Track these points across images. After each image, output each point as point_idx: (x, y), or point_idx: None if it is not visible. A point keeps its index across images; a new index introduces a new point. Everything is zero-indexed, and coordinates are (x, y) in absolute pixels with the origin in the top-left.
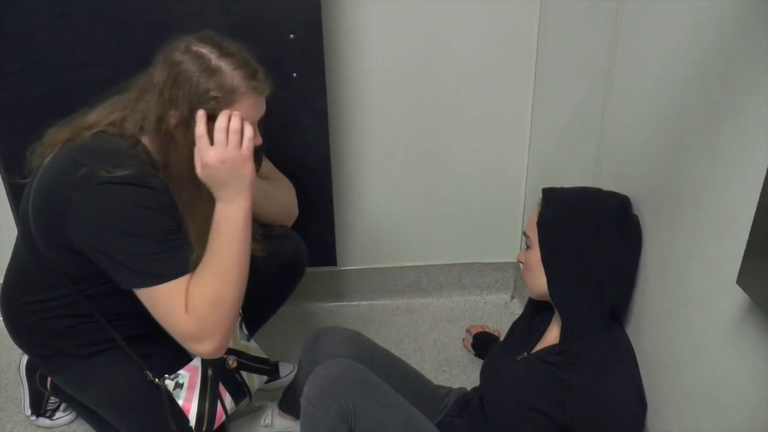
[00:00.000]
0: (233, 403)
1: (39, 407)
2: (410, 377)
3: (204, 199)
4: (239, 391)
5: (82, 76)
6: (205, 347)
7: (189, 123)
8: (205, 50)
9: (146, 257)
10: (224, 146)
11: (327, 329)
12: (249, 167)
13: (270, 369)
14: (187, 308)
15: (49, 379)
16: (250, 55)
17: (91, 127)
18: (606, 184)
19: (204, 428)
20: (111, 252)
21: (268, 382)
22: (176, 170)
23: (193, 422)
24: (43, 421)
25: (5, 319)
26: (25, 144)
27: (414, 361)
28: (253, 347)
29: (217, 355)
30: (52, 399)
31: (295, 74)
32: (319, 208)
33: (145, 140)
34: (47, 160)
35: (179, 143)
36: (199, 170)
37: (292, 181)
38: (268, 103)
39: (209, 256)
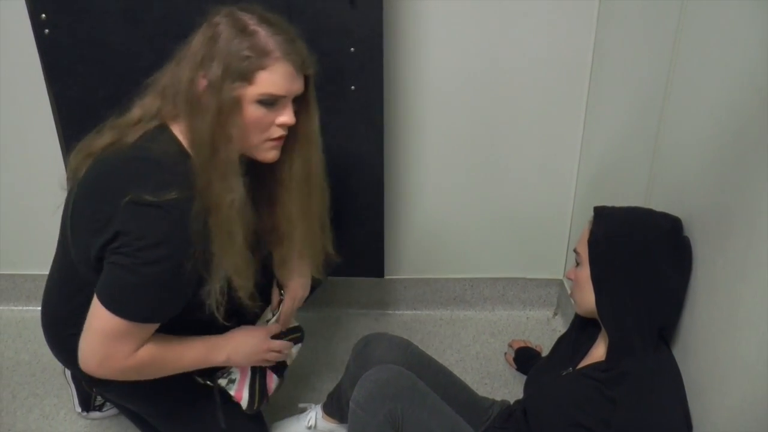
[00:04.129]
0: (278, 379)
1: (88, 404)
2: (456, 387)
3: (231, 182)
4: (280, 366)
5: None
6: (87, 370)
7: (215, 85)
8: (245, 16)
9: (128, 287)
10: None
11: (377, 335)
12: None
13: (303, 334)
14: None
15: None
16: (296, 32)
17: (136, 124)
18: (657, 205)
19: (255, 407)
20: (109, 262)
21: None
22: (202, 143)
23: (245, 406)
24: (94, 414)
25: (48, 339)
26: None
27: (456, 373)
28: None
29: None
30: None
31: (353, 87)
32: (370, 219)
33: (182, 124)
34: (88, 169)
35: (206, 109)
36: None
37: (344, 193)
38: (325, 111)
39: (172, 349)
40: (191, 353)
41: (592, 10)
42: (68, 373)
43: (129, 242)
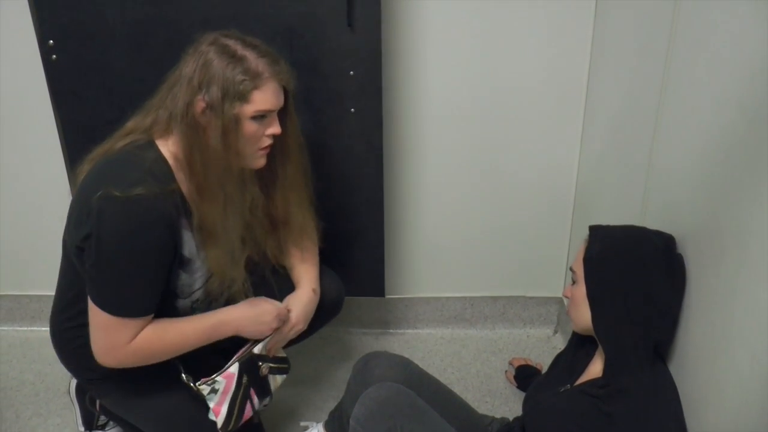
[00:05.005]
0: (259, 403)
1: (91, 424)
2: (456, 405)
3: (231, 177)
4: (265, 391)
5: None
6: (102, 362)
7: (217, 108)
8: (230, 42)
9: (112, 285)
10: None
11: (377, 353)
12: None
13: (289, 366)
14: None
15: (98, 400)
16: (276, 51)
17: (127, 135)
18: (652, 223)
19: (230, 427)
20: (91, 262)
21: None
22: (201, 160)
23: (220, 423)
24: None
25: (55, 346)
26: None
27: (457, 391)
28: None
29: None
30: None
31: (353, 109)
32: (371, 238)
33: (171, 141)
34: (83, 175)
35: (205, 129)
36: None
37: (345, 213)
38: (326, 133)
39: (180, 327)
40: (194, 327)
41: (586, 32)
42: (72, 392)
43: (98, 241)
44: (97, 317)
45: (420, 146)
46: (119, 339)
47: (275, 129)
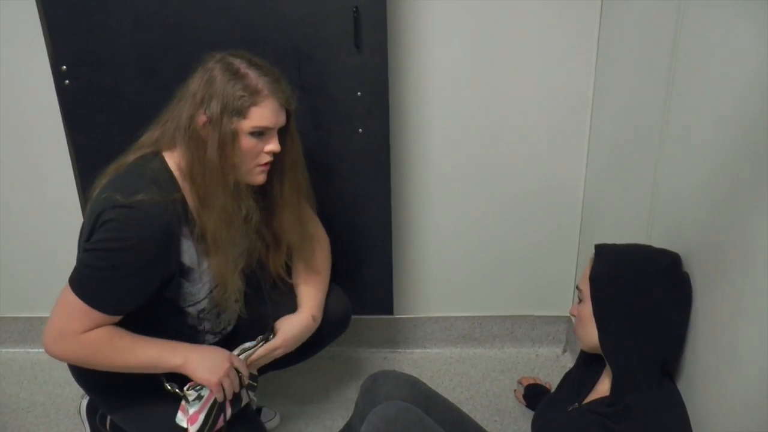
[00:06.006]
0: (230, 414)
1: None
2: (464, 423)
3: (227, 189)
4: (236, 403)
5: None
6: (45, 346)
7: (216, 122)
8: (236, 61)
9: (95, 274)
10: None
11: (385, 372)
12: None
13: (257, 384)
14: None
15: (108, 419)
16: (279, 73)
17: (139, 149)
18: (657, 242)
19: None
20: (84, 248)
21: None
22: (201, 171)
23: (194, 431)
24: None
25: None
26: None
27: (466, 410)
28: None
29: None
30: None
31: (360, 130)
32: (379, 257)
33: (176, 153)
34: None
35: (205, 141)
36: None
37: (353, 233)
38: (334, 154)
39: (133, 340)
40: (145, 348)
41: (590, 51)
42: (83, 412)
43: (99, 236)
44: (66, 298)
45: (427, 165)
46: (74, 326)
47: (274, 146)
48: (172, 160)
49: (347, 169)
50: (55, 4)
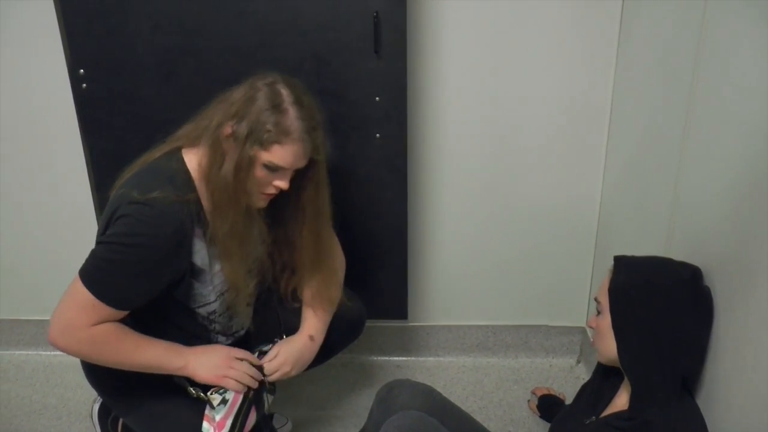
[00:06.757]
0: (255, 420)
1: None
2: None
3: (239, 208)
4: (259, 409)
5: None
6: (52, 339)
7: (239, 141)
8: (284, 92)
9: (105, 267)
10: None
11: (400, 381)
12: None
13: (275, 387)
14: (84, 324)
15: (120, 422)
16: (322, 117)
17: (171, 142)
18: (677, 254)
19: None
20: (98, 240)
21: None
22: (215, 182)
23: None
24: None
25: (82, 362)
26: None
27: (479, 420)
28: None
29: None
30: None
31: (378, 135)
32: (394, 263)
33: (198, 151)
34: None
35: (224, 154)
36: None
37: (369, 238)
38: (351, 159)
39: (140, 338)
40: (149, 348)
41: (610, 61)
42: (95, 416)
43: (113, 230)
44: (76, 289)
45: (444, 172)
46: (83, 319)
47: (282, 183)
48: (195, 158)
49: (364, 174)
50: (74, 7)
